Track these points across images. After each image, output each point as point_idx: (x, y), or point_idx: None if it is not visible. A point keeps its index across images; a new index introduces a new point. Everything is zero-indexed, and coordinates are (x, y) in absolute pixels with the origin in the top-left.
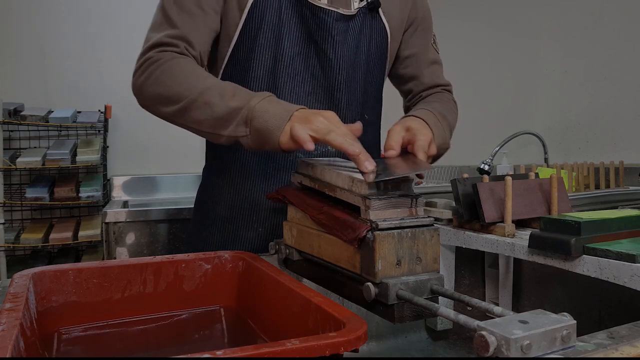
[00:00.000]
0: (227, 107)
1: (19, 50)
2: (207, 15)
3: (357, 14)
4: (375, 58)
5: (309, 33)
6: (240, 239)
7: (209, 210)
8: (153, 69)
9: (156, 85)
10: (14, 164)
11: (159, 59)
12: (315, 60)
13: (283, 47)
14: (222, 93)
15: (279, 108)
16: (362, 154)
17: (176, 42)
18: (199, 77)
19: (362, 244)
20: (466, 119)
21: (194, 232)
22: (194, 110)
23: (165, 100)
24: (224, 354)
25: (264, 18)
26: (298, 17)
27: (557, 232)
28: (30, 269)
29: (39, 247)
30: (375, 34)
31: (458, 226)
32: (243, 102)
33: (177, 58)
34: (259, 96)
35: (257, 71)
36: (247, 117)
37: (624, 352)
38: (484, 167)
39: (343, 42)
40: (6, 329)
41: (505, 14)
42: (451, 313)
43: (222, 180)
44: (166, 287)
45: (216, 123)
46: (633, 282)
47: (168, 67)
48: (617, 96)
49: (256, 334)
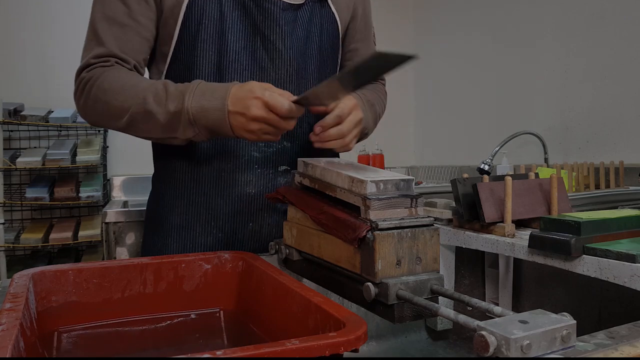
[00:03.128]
0: (166, 113)
1: (18, 51)
2: (140, 25)
3: (305, 3)
4: (328, 48)
5: (254, 25)
6: (198, 247)
7: (162, 220)
8: (88, 88)
9: (96, 104)
10: (14, 164)
11: (90, 77)
12: (263, 52)
13: (227, 41)
14: (156, 97)
15: (212, 101)
16: None
17: (105, 59)
18: (131, 85)
19: (362, 244)
20: (467, 119)
21: (148, 245)
22: (140, 122)
23: (109, 117)
24: (224, 354)
25: (204, 13)
26: (241, 9)
27: (557, 232)
28: (30, 269)
29: (39, 247)
30: (326, 24)
31: (458, 226)
32: (178, 104)
33: (107, 71)
34: (190, 91)
35: (201, 68)
36: (188, 119)
37: (624, 352)
38: (484, 167)
39: (292, 32)
40: (6, 329)
41: (506, 13)
42: (451, 313)
43: (174, 188)
44: (166, 287)
45: (164, 130)
46: (633, 282)
47: (100, 82)
48: (617, 96)
49: (256, 334)
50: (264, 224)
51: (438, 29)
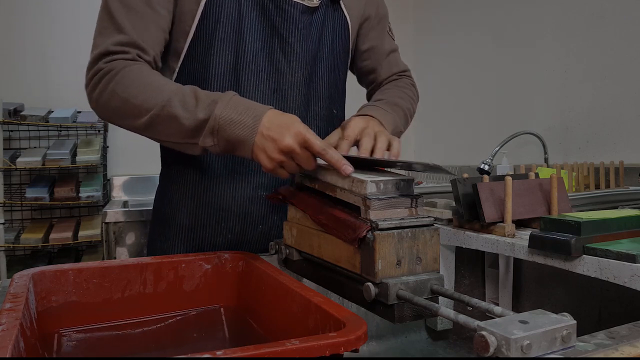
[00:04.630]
0: (194, 119)
1: (19, 50)
2: (158, 15)
3: (320, 6)
4: (339, 51)
5: (272, 26)
6: (207, 248)
7: (170, 220)
8: (106, 81)
9: (112, 99)
10: (14, 164)
11: (110, 70)
12: (280, 54)
13: (245, 42)
14: (184, 102)
15: (244, 116)
16: (340, 159)
17: (126, 49)
18: (156, 86)
19: (362, 244)
20: (466, 119)
21: (155, 245)
22: (160, 124)
23: (125, 115)
24: (224, 354)
25: (222, 11)
26: (259, 9)
27: (557, 232)
28: (30, 269)
29: (39, 247)
30: (338, 27)
31: (458, 226)
32: (208, 112)
33: (129, 66)
34: (223, 101)
35: (217, 68)
36: (213, 127)
37: (624, 352)
38: (484, 167)
39: (307, 35)
40: (6, 329)
41: (506, 13)
42: (451, 313)
43: (183, 187)
44: (166, 287)
45: (186, 135)
46: (633, 282)
47: (121, 77)
48: (617, 96)
49: (256, 334)
50: (273, 225)
51: (438, 29)
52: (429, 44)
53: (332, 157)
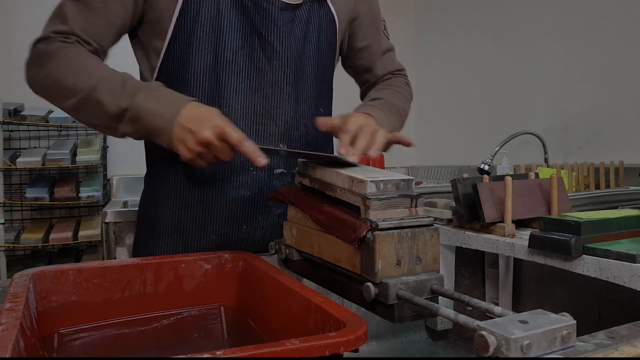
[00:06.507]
0: (116, 106)
1: (19, 50)
2: (109, 10)
3: (304, 3)
4: (326, 48)
5: (252, 24)
6: (191, 249)
7: (155, 222)
8: (43, 61)
9: (46, 79)
10: (14, 164)
11: (47, 51)
12: (260, 53)
13: (224, 41)
14: (111, 89)
15: (164, 108)
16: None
17: (66, 37)
18: (88, 70)
19: (362, 244)
20: (466, 119)
21: (139, 247)
22: (86, 108)
23: (57, 95)
24: (224, 354)
25: (200, 9)
26: (239, 7)
27: (557, 232)
28: (30, 269)
29: (39, 247)
30: (325, 24)
31: (458, 226)
32: (129, 100)
33: (66, 48)
34: (146, 90)
35: (196, 67)
36: (133, 116)
37: (624, 352)
38: (484, 167)
39: (290, 32)
40: (6, 329)
41: (506, 13)
42: (451, 313)
43: (167, 188)
44: (166, 287)
45: (109, 120)
46: (633, 282)
47: (57, 59)
48: (617, 96)
49: (256, 334)
50: (257, 226)
51: (438, 29)
52: (429, 44)
53: (247, 149)
